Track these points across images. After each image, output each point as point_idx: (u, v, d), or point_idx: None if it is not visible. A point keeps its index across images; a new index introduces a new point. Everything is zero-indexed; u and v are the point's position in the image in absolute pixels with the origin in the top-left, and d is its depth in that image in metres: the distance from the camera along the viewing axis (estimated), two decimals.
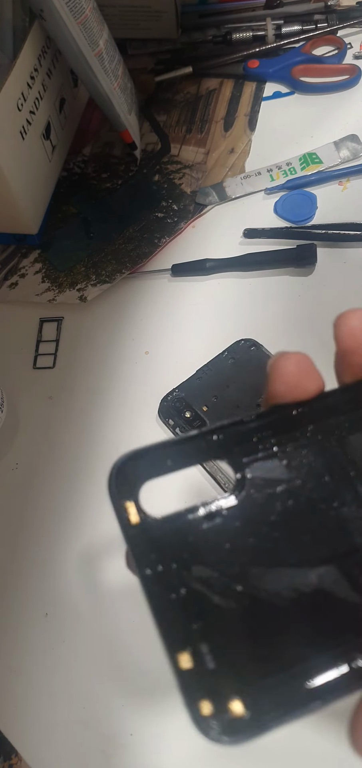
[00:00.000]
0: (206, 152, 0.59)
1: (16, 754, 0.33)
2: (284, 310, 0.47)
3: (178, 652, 0.18)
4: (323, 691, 0.18)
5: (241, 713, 0.17)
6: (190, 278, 0.51)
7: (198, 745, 0.32)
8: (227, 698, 0.17)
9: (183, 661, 0.17)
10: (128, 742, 0.32)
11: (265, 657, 0.17)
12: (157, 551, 0.18)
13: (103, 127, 0.63)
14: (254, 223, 0.52)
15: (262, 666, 0.17)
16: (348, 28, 0.67)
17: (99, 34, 0.50)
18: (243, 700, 0.17)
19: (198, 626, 0.17)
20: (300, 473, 0.19)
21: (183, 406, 0.42)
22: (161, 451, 0.20)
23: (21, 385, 0.46)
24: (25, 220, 0.52)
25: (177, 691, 0.17)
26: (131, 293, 0.51)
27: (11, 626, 0.37)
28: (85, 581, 0.38)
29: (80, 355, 0.47)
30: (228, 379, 0.43)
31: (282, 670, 0.17)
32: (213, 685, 0.17)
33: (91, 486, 0.41)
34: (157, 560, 0.18)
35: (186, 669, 0.17)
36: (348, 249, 0.50)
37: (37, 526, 0.40)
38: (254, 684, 0.17)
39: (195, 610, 0.18)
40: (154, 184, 0.58)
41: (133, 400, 0.44)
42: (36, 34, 0.50)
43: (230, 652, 0.17)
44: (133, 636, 0.35)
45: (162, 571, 0.18)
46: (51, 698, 0.34)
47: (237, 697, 0.17)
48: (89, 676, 0.35)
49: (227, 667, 0.17)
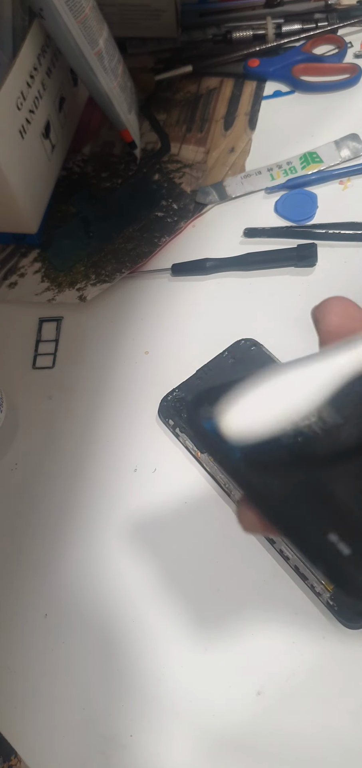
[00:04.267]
0: (206, 151, 0.59)
1: (16, 754, 0.33)
2: (284, 310, 0.47)
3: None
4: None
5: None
6: (190, 278, 0.50)
7: (198, 746, 0.32)
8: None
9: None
10: (128, 743, 0.32)
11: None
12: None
13: (103, 126, 0.63)
14: (254, 223, 0.52)
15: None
16: (349, 27, 0.67)
17: (98, 32, 0.50)
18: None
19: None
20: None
21: (183, 406, 0.42)
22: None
23: (20, 385, 0.46)
24: (24, 220, 0.52)
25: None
26: (131, 293, 0.50)
27: (11, 627, 0.37)
28: (85, 581, 0.37)
29: (80, 355, 0.47)
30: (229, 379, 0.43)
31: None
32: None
33: (91, 486, 0.41)
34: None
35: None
36: (349, 248, 0.50)
37: (36, 526, 0.40)
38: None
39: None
40: (153, 183, 0.57)
41: (133, 400, 0.44)
42: (35, 33, 0.50)
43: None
44: (133, 636, 0.35)
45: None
46: (50, 699, 0.34)
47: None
48: (89, 676, 0.34)
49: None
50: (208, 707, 0.33)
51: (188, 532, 0.38)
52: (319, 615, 0.34)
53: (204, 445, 0.22)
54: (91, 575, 0.38)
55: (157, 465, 0.41)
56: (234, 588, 0.36)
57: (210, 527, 0.38)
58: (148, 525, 0.39)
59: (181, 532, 0.38)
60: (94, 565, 0.38)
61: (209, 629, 0.35)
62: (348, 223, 0.50)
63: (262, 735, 0.32)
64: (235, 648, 0.34)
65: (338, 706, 0.32)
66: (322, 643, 0.34)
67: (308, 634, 0.34)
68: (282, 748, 0.32)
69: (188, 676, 0.34)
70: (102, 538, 0.39)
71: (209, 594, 0.36)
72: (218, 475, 0.39)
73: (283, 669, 0.34)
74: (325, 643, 0.34)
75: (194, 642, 0.35)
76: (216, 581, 0.36)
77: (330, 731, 0.32)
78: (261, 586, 0.36)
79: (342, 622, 0.34)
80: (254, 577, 0.36)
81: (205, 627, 0.35)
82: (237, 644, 0.34)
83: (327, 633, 0.34)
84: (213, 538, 0.38)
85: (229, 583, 0.36)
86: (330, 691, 0.33)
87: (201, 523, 0.38)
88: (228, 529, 0.38)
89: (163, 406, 0.42)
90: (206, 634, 0.35)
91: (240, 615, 0.35)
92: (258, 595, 0.36)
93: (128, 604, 0.36)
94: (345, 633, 0.34)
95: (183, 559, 0.37)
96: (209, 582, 0.36)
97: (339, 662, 0.33)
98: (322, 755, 0.31)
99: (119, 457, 0.42)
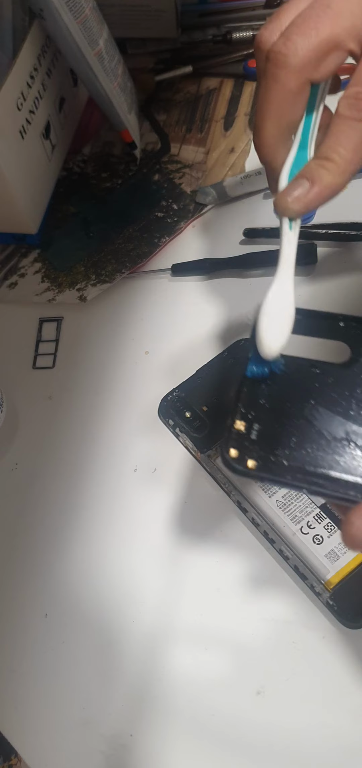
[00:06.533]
0: (206, 152, 0.59)
1: (16, 754, 0.33)
2: None
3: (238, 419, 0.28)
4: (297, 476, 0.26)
5: (252, 466, 0.27)
6: (190, 278, 0.50)
7: (198, 746, 0.32)
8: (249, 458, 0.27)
9: (238, 425, 0.28)
10: (128, 743, 0.32)
11: (279, 449, 0.27)
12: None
13: (103, 127, 0.63)
14: (254, 223, 0.52)
15: (276, 452, 0.27)
16: None
17: (98, 33, 0.50)
18: (256, 463, 0.27)
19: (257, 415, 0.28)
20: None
21: (183, 406, 0.42)
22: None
23: (20, 385, 0.46)
24: (24, 220, 0.52)
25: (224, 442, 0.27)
26: (131, 293, 0.50)
27: (11, 626, 0.37)
28: (85, 581, 0.37)
29: (80, 355, 0.47)
30: (229, 379, 0.43)
31: (283, 456, 0.27)
32: (246, 446, 0.27)
33: (91, 486, 0.41)
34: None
35: (237, 429, 0.28)
36: (349, 249, 0.50)
37: (36, 526, 0.40)
38: (266, 460, 0.27)
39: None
40: (153, 183, 0.57)
41: (133, 400, 0.44)
42: (35, 34, 0.50)
43: (266, 436, 0.27)
44: (133, 636, 0.35)
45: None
46: (51, 699, 0.34)
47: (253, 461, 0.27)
48: (89, 676, 0.35)
49: (261, 443, 0.27)
50: (208, 707, 0.33)
51: (188, 532, 0.38)
52: (319, 615, 0.35)
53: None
54: (91, 575, 0.38)
55: (157, 465, 0.41)
56: (234, 587, 0.36)
57: (210, 527, 0.38)
58: (147, 525, 0.39)
59: (180, 532, 0.38)
60: (94, 565, 0.38)
61: (209, 629, 0.35)
62: (348, 223, 0.50)
63: (262, 735, 0.32)
64: (235, 648, 0.34)
65: (338, 706, 0.32)
66: (322, 643, 0.34)
67: (308, 634, 0.34)
68: (282, 748, 0.32)
69: (188, 676, 0.34)
70: (102, 538, 0.39)
71: (209, 594, 0.36)
72: (218, 475, 0.39)
73: (283, 669, 0.34)
74: (325, 643, 0.34)
75: (194, 642, 0.35)
76: (216, 581, 0.36)
77: (330, 731, 0.32)
78: (261, 585, 0.36)
79: (342, 622, 0.34)
80: (254, 576, 0.36)
81: (205, 626, 0.35)
82: (237, 644, 0.34)
83: (327, 633, 0.34)
84: (213, 537, 0.38)
85: (229, 583, 0.36)
86: (330, 691, 0.33)
87: (201, 522, 0.38)
88: (228, 529, 0.38)
89: (163, 406, 0.42)
90: (206, 634, 0.35)
91: (240, 614, 0.35)
92: (258, 594, 0.36)
93: (128, 604, 0.36)
94: (345, 633, 0.34)
95: (183, 558, 0.37)
96: (209, 581, 0.36)
97: (339, 662, 0.33)
98: (322, 755, 0.31)
99: (119, 457, 0.42)
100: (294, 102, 0.29)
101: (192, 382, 0.43)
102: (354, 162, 0.28)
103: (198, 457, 0.40)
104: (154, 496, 0.40)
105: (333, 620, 0.34)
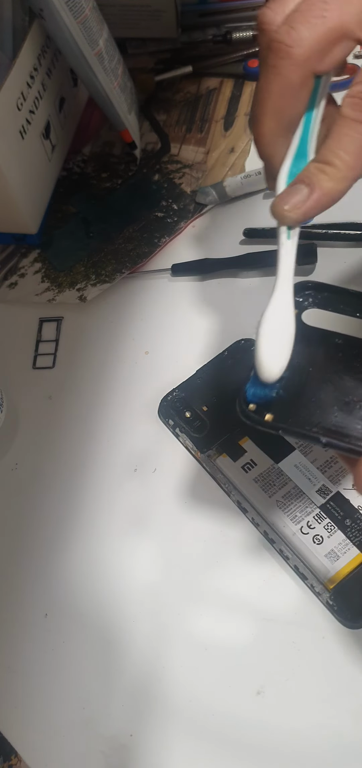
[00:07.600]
0: (206, 152, 0.59)
1: (16, 754, 0.33)
2: None
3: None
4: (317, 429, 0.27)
5: (269, 419, 0.28)
6: (190, 278, 0.50)
7: (198, 746, 0.32)
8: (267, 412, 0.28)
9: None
10: (128, 743, 0.32)
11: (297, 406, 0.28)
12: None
13: (103, 127, 0.63)
14: (254, 223, 0.52)
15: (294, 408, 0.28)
16: None
17: (98, 33, 0.50)
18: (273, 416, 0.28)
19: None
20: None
21: (183, 406, 0.42)
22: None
23: (21, 385, 0.46)
24: (24, 220, 0.52)
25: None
26: (131, 293, 0.50)
27: (11, 626, 0.37)
28: (85, 581, 0.37)
29: (80, 355, 0.47)
30: (229, 379, 0.43)
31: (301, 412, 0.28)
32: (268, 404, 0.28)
33: (91, 486, 0.41)
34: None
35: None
36: (349, 249, 0.50)
37: (36, 526, 0.40)
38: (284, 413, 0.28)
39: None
40: (153, 183, 0.57)
41: (133, 400, 0.44)
42: (35, 34, 0.50)
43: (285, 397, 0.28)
44: (133, 636, 0.35)
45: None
46: (51, 698, 0.34)
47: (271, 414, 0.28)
48: (89, 676, 0.35)
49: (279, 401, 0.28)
50: (208, 707, 0.33)
51: (188, 532, 0.38)
52: (319, 615, 0.35)
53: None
54: (91, 575, 0.38)
55: (157, 465, 0.41)
56: (234, 587, 0.36)
57: (210, 527, 0.38)
58: (148, 525, 0.39)
59: (180, 532, 0.38)
60: (94, 565, 0.38)
61: (209, 629, 0.35)
62: (348, 223, 0.50)
63: (262, 735, 0.32)
64: (235, 648, 0.34)
65: (338, 706, 0.32)
66: (322, 643, 0.34)
67: (308, 633, 0.34)
68: (281, 748, 0.32)
69: (188, 676, 0.34)
70: (102, 538, 0.39)
71: (209, 594, 0.36)
72: (218, 475, 0.39)
73: (283, 669, 0.34)
74: (325, 642, 0.34)
75: (194, 641, 0.35)
76: (216, 581, 0.36)
77: (330, 731, 0.32)
78: (261, 585, 0.36)
79: (342, 621, 0.34)
80: (254, 576, 0.36)
81: (205, 626, 0.35)
82: (237, 644, 0.35)
83: (327, 633, 0.34)
84: (213, 538, 0.38)
85: (229, 583, 0.36)
86: (330, 691, 0.33)
87: (201, 523, 0.38)
88: (228, 529, 0.38)
89: (163, 406, 0.42)
90: (206, 634, 0.35)
91: (240, 614, 0.35)
92: (258, 594, 0.36)
93: (128, 604, 0.36)
94: (345, 633, 0.34)
95: (183, 559, 0.37)
96: (209, 582, 0.36)
97: (339, 662, 0.33)
98: (322, 755, 0.31)
99: (119, 457, 0.42)
100: (296, 96, 0.27)
101: (192, 382, 0.43)
102: (356, 167, 0.26)
103: (198, 457, 0.40)
104: (154, 496, 0.40)
105: (333, 620, 0.34)
